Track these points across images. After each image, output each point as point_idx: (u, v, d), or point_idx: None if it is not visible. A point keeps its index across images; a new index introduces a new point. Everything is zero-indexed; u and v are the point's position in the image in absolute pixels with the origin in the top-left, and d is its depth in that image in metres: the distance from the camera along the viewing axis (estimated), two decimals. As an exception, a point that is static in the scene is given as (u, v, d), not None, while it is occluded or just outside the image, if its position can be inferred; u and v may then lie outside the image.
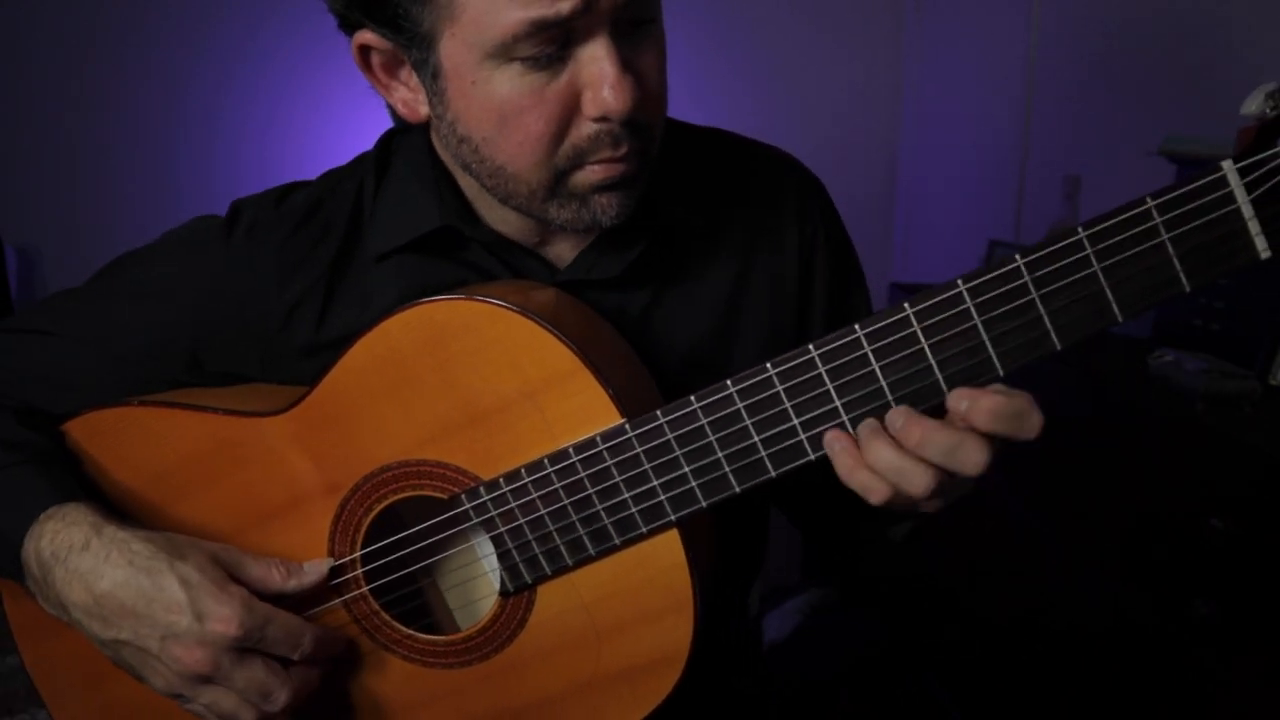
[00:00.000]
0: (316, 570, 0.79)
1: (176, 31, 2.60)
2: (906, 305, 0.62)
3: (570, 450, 0.72)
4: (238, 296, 0.85)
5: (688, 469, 0.69)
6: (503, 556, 0.76)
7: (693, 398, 0.68)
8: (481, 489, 0.75)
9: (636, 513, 0.71)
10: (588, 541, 0.73)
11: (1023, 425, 0.61)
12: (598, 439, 0.71)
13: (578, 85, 0.70)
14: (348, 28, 0.75)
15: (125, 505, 0.84)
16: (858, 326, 0.63)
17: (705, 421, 0.68)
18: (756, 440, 0.67)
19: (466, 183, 0.83)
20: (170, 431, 0.82)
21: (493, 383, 0.73)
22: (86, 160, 2.65)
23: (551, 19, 0.65)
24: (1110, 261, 0.58)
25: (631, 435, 0.70)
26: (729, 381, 0.67)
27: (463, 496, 0.76)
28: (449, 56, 0.70)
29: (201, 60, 2.63)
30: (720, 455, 0.68)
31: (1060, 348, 0.60)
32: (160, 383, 0.86)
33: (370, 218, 0.85)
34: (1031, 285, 0.59)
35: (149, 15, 2.59)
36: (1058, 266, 0.59)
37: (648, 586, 0.74)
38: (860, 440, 0.65)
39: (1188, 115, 1.91)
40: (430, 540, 0.79)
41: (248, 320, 0.85)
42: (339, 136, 1.06)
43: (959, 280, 0.60)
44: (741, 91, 2.84)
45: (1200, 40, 1.93)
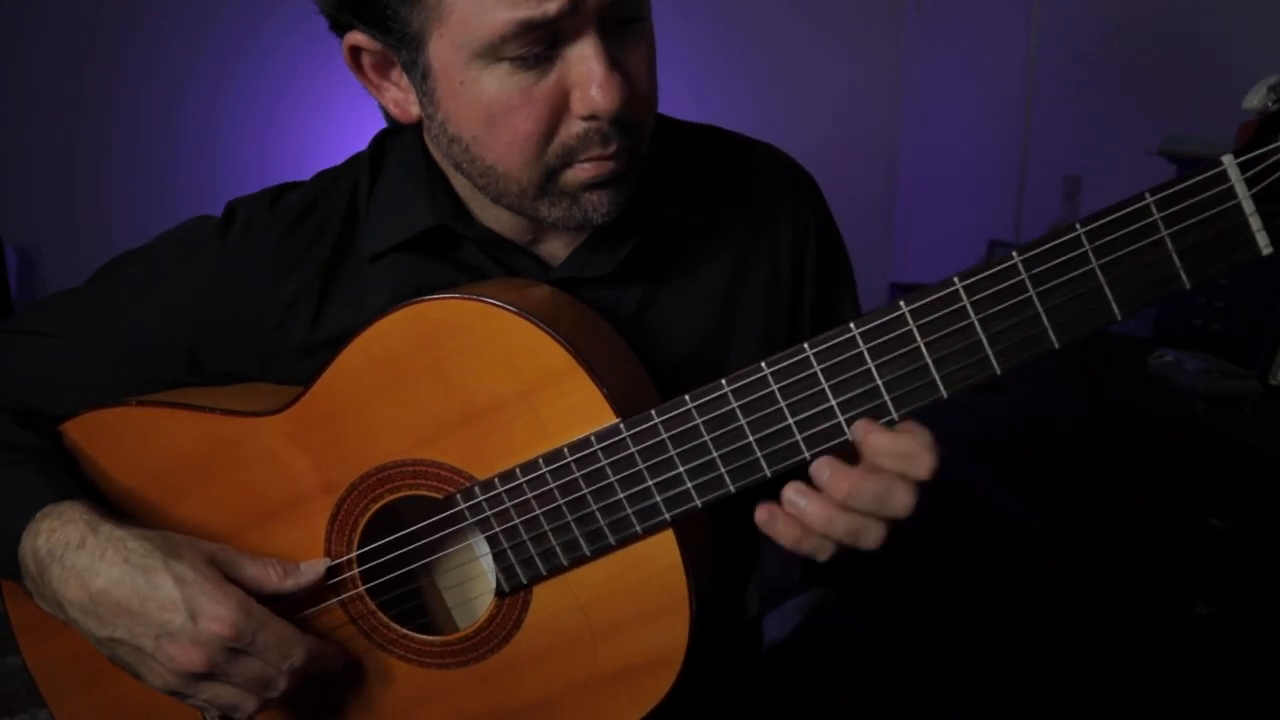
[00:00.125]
0: (313, 570, 0.79)
1: (176, 31, 2.60)
2: (902, 304, 0.61)
3: (565, 450, 0.71)
4: (234, 297, 0.85)
5: (682, 469, 0.69)
6: (498, 556, 0.76)
7: (687, 397, 0.68)
8: (476, 489, 0.75)
9: (631, 513, 0.71)
10: (583, 541, 0.73)
11: (910, 465, 0.63)
12: (592, 439, 0.70)
13: (566, 84, 0.69)
14: (338, 29, 0.75)
15: (124, 505, 0.84)
16: (853, 325, 0.63)
17: (700, 421, 0.68)
18: (751, 440, 0.67)
19: (459, 182, 0.82)
20: (168, 431, 0.82)
21: (487, 382, 0.73)
22: (86, 160, 2.65)
23: (538, 19, 0.65)
24: (1108, 258, 0.57)
25: (626, 435, 0.70)
26: (723, 381, 0.67)
27: (458, 496, 0.75)
28: (438, 57, 0.70)
29: (201, 60, 2.63)
30: (715, 455, 0.68)
31: (1058, 346, 0.60)
32: (159, 383, 0.86)
33: (364, 217, 0.85)
34: (1028, 283, 0.59)
35: (149, 15, 2.59)
36: (1055, 264, 0.58)
37: (643, 586, 0.74)
38: (794, 507, 0.66)
39: (1188, 115, 1.91)
40: (427, 540, 0.79)
41: (244, 320, 0.85)
42: (339, 136, 1.06)
43: (955, 278, 0.60)
44: (741, 91, 2.84)
45: (1200, 40, 1.93)
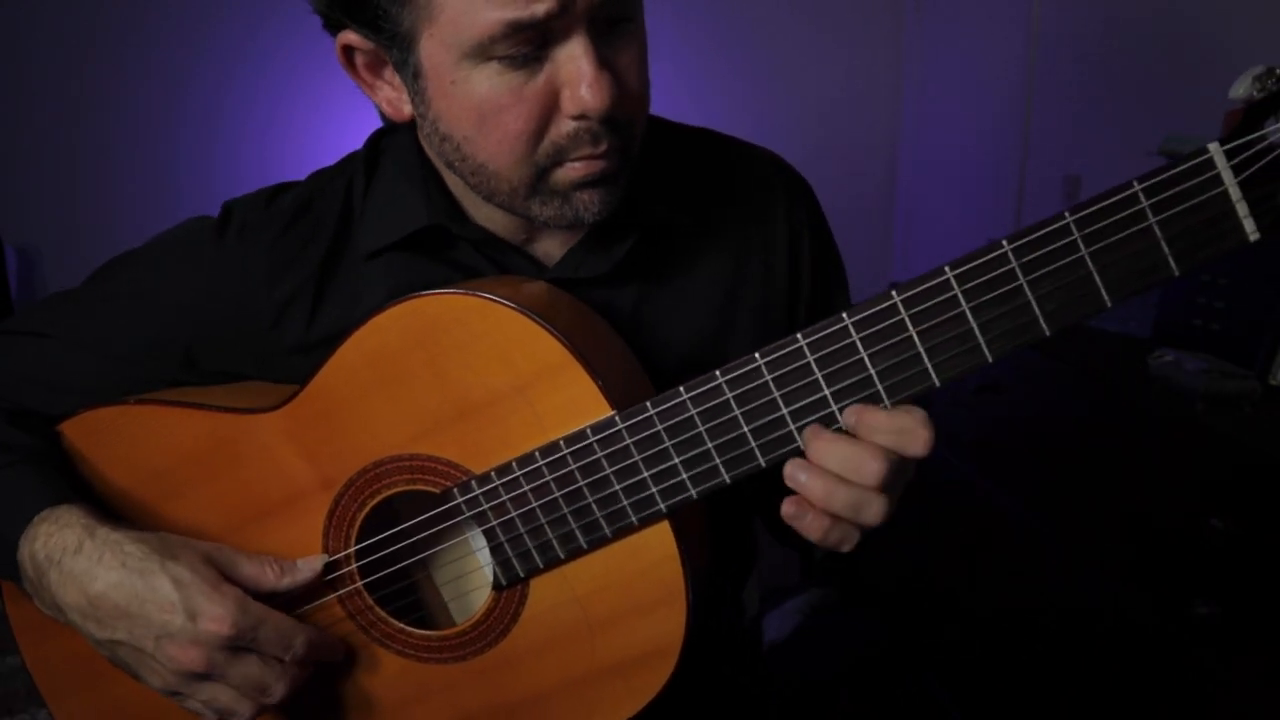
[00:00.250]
0: (310, 567, 0.79)
1: (176, 31, 2.60)
2: (894, 293, 0.61)
3: (561, 443, 0.72)
4: (231, 298, 0.85)
5: (677, 460, 0.69)
6: (495, 550, 0.76)
7: (682, 388, 0.68)
8: (473, 482, 0.75)
9: (627, 504, 0.71)
10: (579, 533, 0.73)
11: (908, 441, 0.63)
12: (588, 431, 0.71)
13: (556, 84, 0.70)
14: (331, 28, 0.75)
15: (123, 504, 0.84)
16: (845, 315, 0.63)
17: (694, 412, 0.68)
18: (746, 430, 0.67)
19: (453, 181, 0.83)
20: (166, 429, 0.83)
21: (483, 376, 0.73)
22: (86, 160, 2.65)
23: (527, 20, 0.65)
24: (1098, 246, 0.57)
25: (621, 427, 0.70)
26: (718, 372, 0.67)
27: (455, 490, 0.76)
28: (428, 56, 0.70)
29: (201, 60, 2.63)
30: (710, 446, 0.68)
31: (1049, 333, 0.60)
32: (157, 383, 0.87)
33: (360, 216, 0.86)
34: (1018, 271, 0.59)
35: (149, 15, 2.59)
36: (1044, 252, 0.58)
37: (640, 579, 0.74)
38: (795, 482, 0.67)
39: (1188, 115, 1.91)
40: (424, 534, 0.79)
41: (240, 320, 0.85)
42: (339, 136, 1.06)
43: (946, 267, 0.60)
44: (741, 91, 2.84)
45: (1200, 40, 1.93)
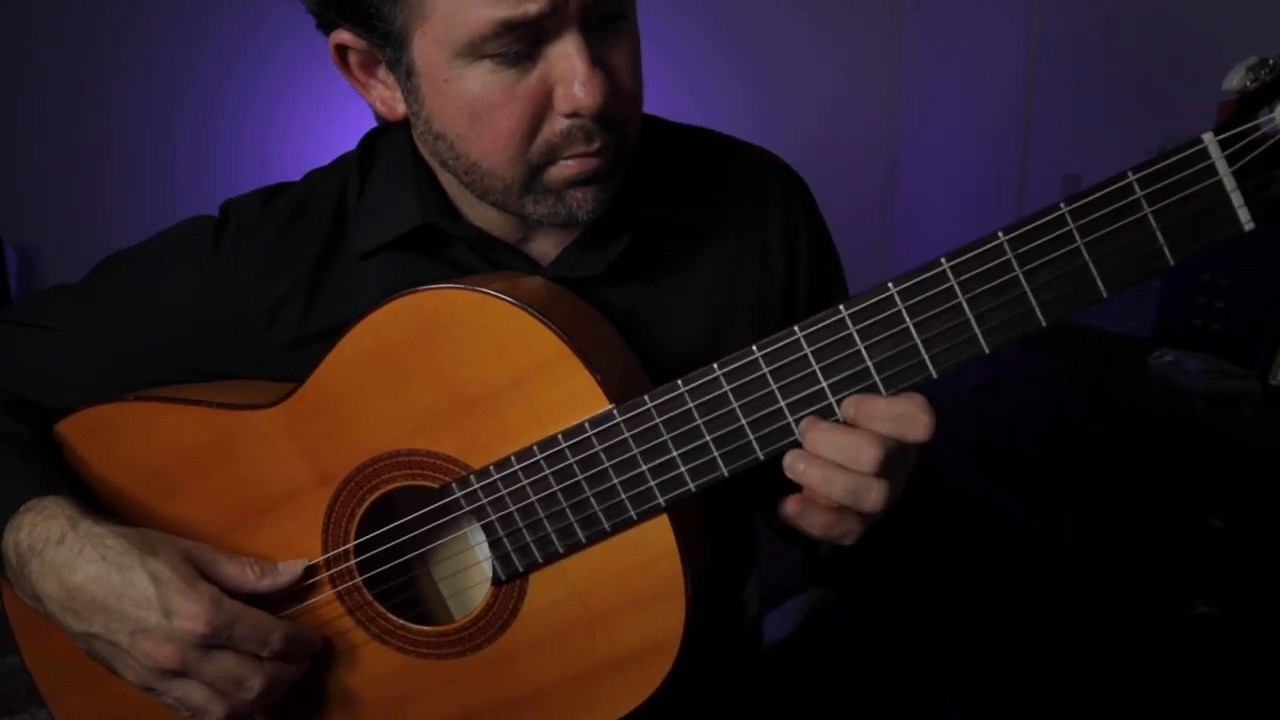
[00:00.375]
0: (291, 570, 0.80)
1: (176, 31, 2.60)
2: (890, 285, 0.62)
3: (559, 437, 0.72)
4: (229, 299, 0.85)
5: (676, 453, 0.69)
6: (494, 545, 0.76)
7: (679, 381, 0.68)
8: (472, 477, 0.75)
9: (625, 498, 0.71)
10: (578, 528, 0.73)
11: (908, 427, 0.63)
12: (586, 425, 0.71)
13: (549, 82, 0.70)
14: (324, 27, 0.75)
15: (122, 501, 0.84)
16: (842, 307, 0.63)
17: (692, 405, 0.68)
18: (744, 423, 0.67)
19: (447, 180, 0.83)
20: (166, 426, 0.83)
21: (481, 371, 0.73)
22: (86, 160, 2.65)
23: (518, 19, 0.65)
24: (1093, 236, 0.57)
25: (619, 420, 0.70)
26: (715, 365, 0.67)
27: (453, 485, 0.76)
28: (421, 55, 0.70)
29: (201, 60, 2.63)
30: (708, 439, 0.68)
31: (1045, 324, 0.60)
32: (156, 382, 0.87)
33: (354, 216, 0.86)
34: (1014, 262, 0.59)
35: (149, 15, 2.59)
36: (1040, 243, 0.58)
37: (639, 573, 0.74)
38: (794, 471, 0.67)
39: (1188, 115, 1.90)
40: (423, 530, 0.79)
41: (238, 321, 0.86)
42: (339, 136, 1.06)
43: (942, 259, 0.60)
44: (741, 91, 2.83)
45: (1200, 40, 1.93)
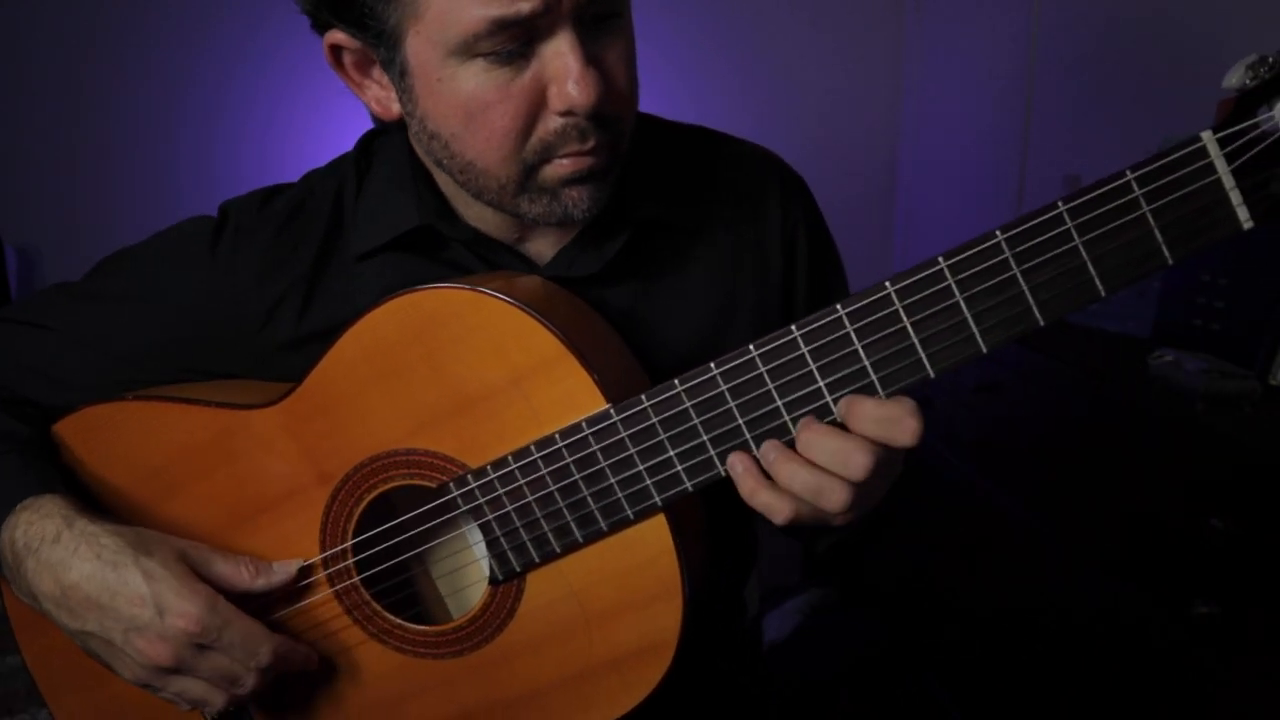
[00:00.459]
0: (285, 570, 0.80)
1: (176, 31, 2.60)
2: (888, 284, 0.61)
3: (556, 436, 0.72)
4: (227, 299, 0.85)
5: (672, 452, 0.69)
6: (491, 544, 0.76)
7: (676, 381, 0.68)
8: (469, 477, 0.75)
9: (622, 497, 0.71)
10: (575, 527, 0.73)
11: (895, 431, 0.62)
12: (583, 424, 0.71)
13: (543, 80, 0.69)
14: (319, 28, 0.75)
15: (121, 500, 0.84)
16: (839, 306, 0.63)
17: (689, 404, 0.68)
18: (740, 422, 0.67)
19: (443, 180, 0.83)
20: (164, 426, 0.83)
21: (479, 370, 0.73)
22: (86, 160, 2.65)
23: (511, 18, 0.65)
24: (1091, 235, 0.57)
25: (616, 420, 0.70)
26: (712, 364, 0.67)
27: (450, 485, 0.76)
28: (415, 54, 0.70)
29: (201, 60, 2.63)
30: (705, 438, 0.68)
31: (1044, 323, 0.60)
32: (155, 381, 0.87)
33: (351, 218, 0.86)
34: (1012, 261, 0.59)
35: (149, 15, 2.59)
36: (1038, 241, 0.58)
37: (636, 573, 0.74)
38: (766, 461, 0.66)
39: (1188, 116, 1.90)
40: (421, 529, 0.79)
41: (237, 322, 0.86)
42: (339, 136, 1.06)
43: (940, 258, 0.60)
44: (741, 91, 2.83)
45: (1200, 40, 1.92)
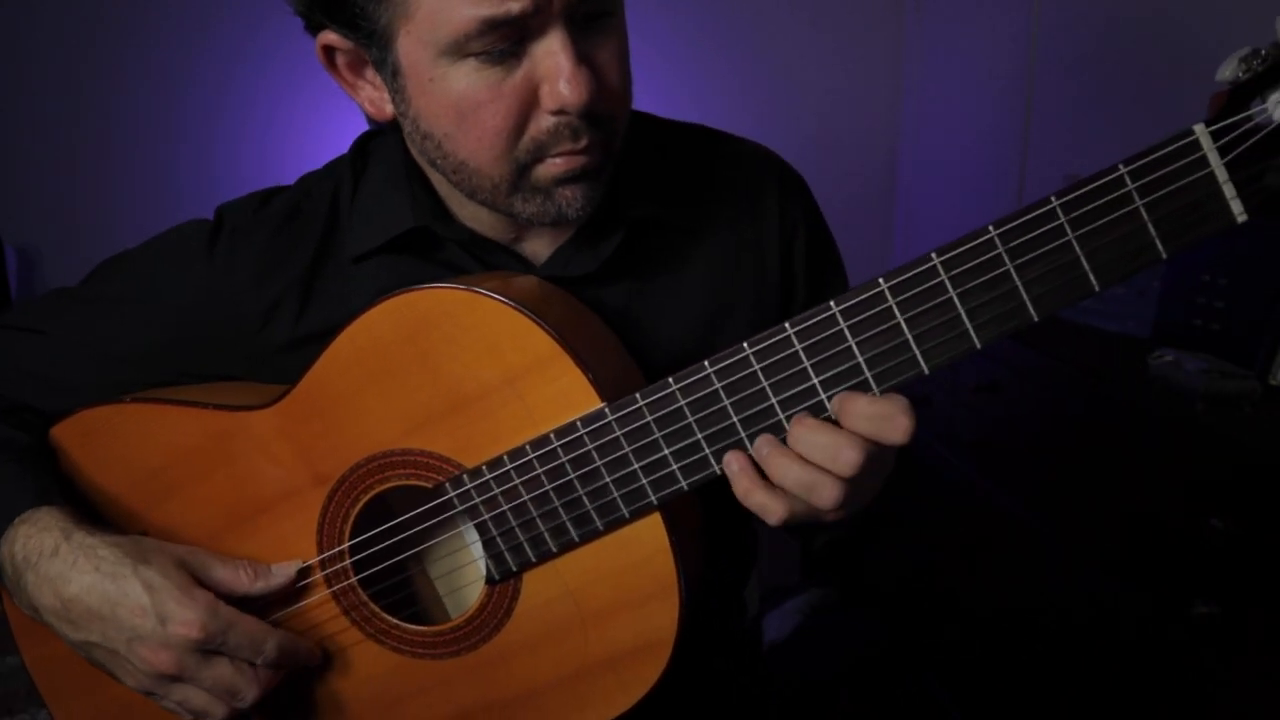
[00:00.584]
0: (284, 573, 0.80)
1: (176, 31, 2.60)
2: (881, 281, 0.61)
3: (551, 436, 0.71)
4: (224, 302, 0.85)
5: (667, 451, 0.69)
6: (488, 544, 0.76)
7: (670, 379, 0.68)
8: (465, 476, 0.75)
9: (618, 496, 0.71)
10: (570, 526, 0.73)
11: (887, 429, 0.62)
12: (578, 424, 0.71)
13: (535, 79, 0.69)
14: (311, 29, 0.76)
15: (118, 502, 0.84)
16: (833, 303, 0.63)
17: (684, 403, 0.68)
18: (735, 420, 0.67)
19: (438, 181, 0.83)
20: (161, 428, 0.83)
21: (473, 370, 0.73)
22: (86, 160, 2.65)
23: (501, 17, 0.65)
24: (1084, 230, 0.57)
25: (611, 419, 0.70)
26: (706, 362, 0.67)
27: (447, 485, 0.76)
28: (406, 54, 0.70)
29: (201, 60, 2.63)
30: (700, 436, 0.68)
31: (1037, 319, 0.59)
32: (153, 383, 0.87)
33: (346, 220, 0.86)
34: (1005, 256, 0.58)
35: (149, 15, 2.59)
36: (1031, 236, 0.58)
37: (632, 572, 0.74)
38: (760, 456, 0.66)
39: (1188, 116, 1.89)
40: (417, 529, 0.79)
41: (233, 323, 0.86)
42: (339, 137, 1.06)
43: (933, 254, 0.60)
44: (741, 91, 2.83)
45: (1200, 40, 1.92)
